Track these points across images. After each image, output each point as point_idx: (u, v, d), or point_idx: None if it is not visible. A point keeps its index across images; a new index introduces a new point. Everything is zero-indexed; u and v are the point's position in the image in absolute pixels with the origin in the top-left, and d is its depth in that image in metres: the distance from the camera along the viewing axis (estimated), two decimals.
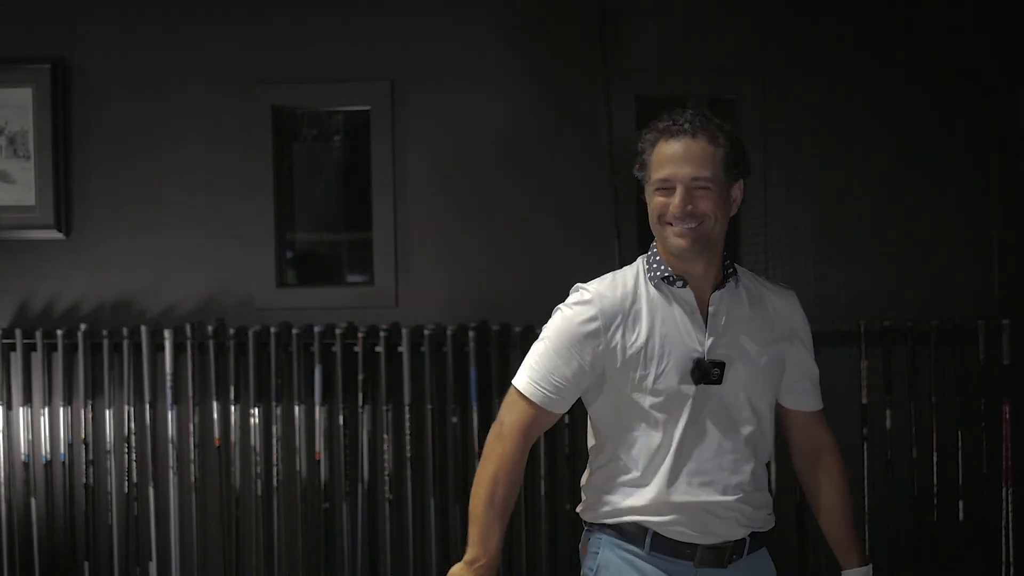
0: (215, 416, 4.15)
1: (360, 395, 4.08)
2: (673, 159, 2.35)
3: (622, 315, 2.37)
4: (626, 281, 2.42)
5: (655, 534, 2.37)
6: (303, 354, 4.09)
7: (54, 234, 4.25)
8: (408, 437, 4.06)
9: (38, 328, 4.18)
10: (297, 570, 4.14)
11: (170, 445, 4.15)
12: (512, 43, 4.19)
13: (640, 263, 2.45)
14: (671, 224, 2.35)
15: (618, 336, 2.36)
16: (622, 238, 4.07)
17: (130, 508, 4.16)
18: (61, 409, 4.19)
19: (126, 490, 4.16)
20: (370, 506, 4.10)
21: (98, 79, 4.26)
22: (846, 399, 4.04)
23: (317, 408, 4.10)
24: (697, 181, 2.33)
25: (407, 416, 4.06)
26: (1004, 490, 3.96)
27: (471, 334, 4.05)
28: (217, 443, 4.15)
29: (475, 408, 4.05)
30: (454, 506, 4.08)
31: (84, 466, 4.18)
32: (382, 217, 4.20)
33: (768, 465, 3.73)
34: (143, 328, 4.14)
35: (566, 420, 3.96)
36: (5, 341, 4.18)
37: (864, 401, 4.01)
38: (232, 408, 4.13)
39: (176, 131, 4.24)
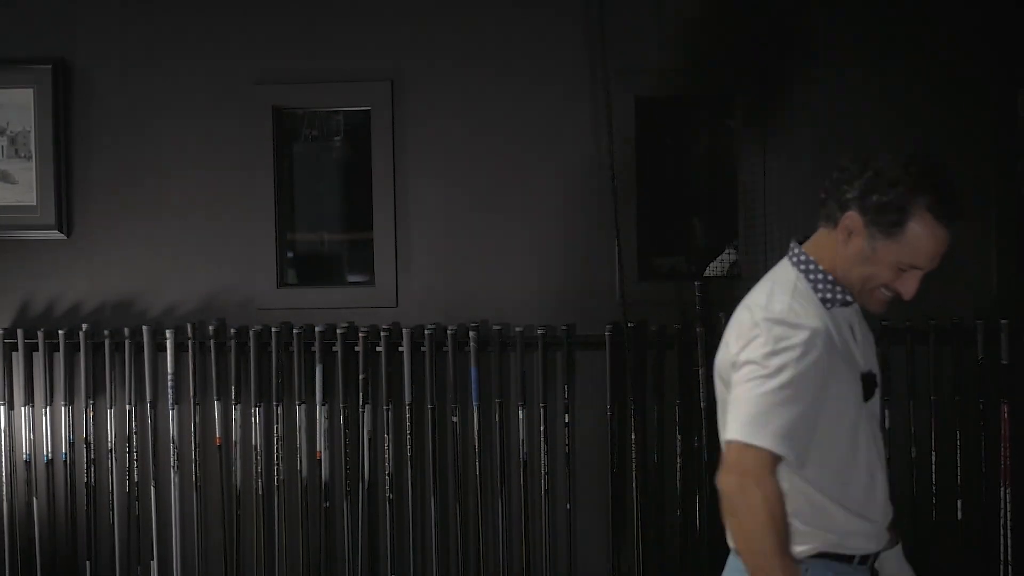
0: (216, 416, 4.16)
1: (361, 395, 4.09)
2: (935, 249, 2.26)
3: (830, 340, 2.24)
4: (807, 299, 2.28)
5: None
6: (304, 354, 4.10)
7: (55, 234, 4.26)
8: (408, 437, 4.07)
9: (40, 328, 4.19)
10: (297, 570, 4.15)
11: (171, 444, 4.16)
12: (512, 43, 4.19)
13: (797, 278, 2.32)
14: (884, 290, 2.28)
15: (827, 363, 2.22)
16: (622, 238, 4.08)
17: (131, 507, 4.18)
18: (63, 408, 4.20)
19: (127, 489, 4.17)
20: (370, 506, 4.11)
21: (99, 80, 4.26)
22: None
23: (318, 408, 4.11)
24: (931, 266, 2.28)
25: (408, 416, 4.07)
26: (1003, 490, 3.97)
27: (471, 334, 4.05)
28: (218, 442, 4.16)
29: (475, 408, 4.06)
30: (454, 506, 4.09)
31: (85, 465, 4.19)
32: (382, 217, 4.21)
33: None
34: (144, 328, 4.15)
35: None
36: (7, 341, 4.19)
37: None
38: (233, 408, 4.14)
39: (176, 131, 4.25)
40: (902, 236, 2.22)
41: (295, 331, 4.08)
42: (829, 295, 2.29)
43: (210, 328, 4.16)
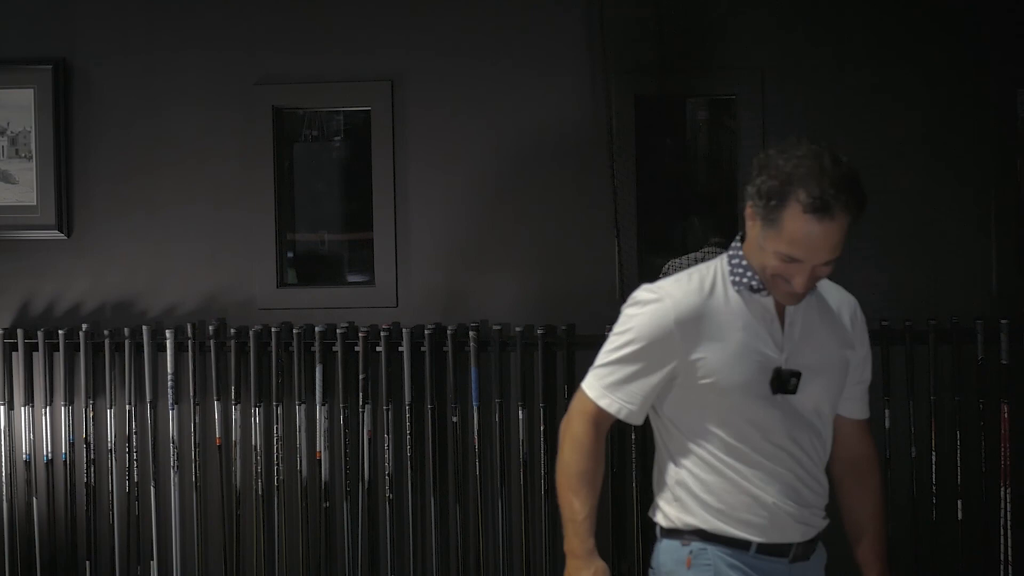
0: (216, 416, 4.16)
1: (361, 395, 4.09)
2: (808, 243, 2.23)
3: (698, 322, 2.32)
4: (703, 285, 2.36)
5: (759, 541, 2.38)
6: (304, 354, 4.10)
7: (56, 234, 4.26)
8: (408, 437, 4.07)
9: (40, 328, 4.19)
10: (297, 570, 4.15)
11: (171, 444, 4.16)
12: (512, 43, 4.19)
13: (721, 264, 2.39)
14: (784, 282, 2.29)
15: (691, 343, 2.32)
16: (622, 238, 4.08)
17: (131, 507, 4.18)
18: (62, 409, 4.20)
19: (127, 489, 4.17)
20: (370, 506, 4.11)
21: (99, 80, 4.26)
22: None
23: (318, 408, 4.11)
24: (826, 263, 2.27)
25: (407, 416, 4.07)
26: (1002, 489, 3.97)
27: (471, 334, 4.05)
28: (218, 442, 4.16)
29: (475, 408, 4.06)
30: (454, 506, 4.09)
31: (85, 465, 4.19)
32: (382, 217, 4.21)
33: None
34: (144, 328, 4.15)
35: None
36: (7, 341, 4.19)
37: None
38: (233, 408, 4.14)
39: (177, 131, 4.25)
40: (780, 226, 2.24)
41: (295, 331, 4.09)
42: (738, 278, 2.35)
43: (210, 328, 4.16)
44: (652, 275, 4.22)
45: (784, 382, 2.32)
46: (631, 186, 4.13)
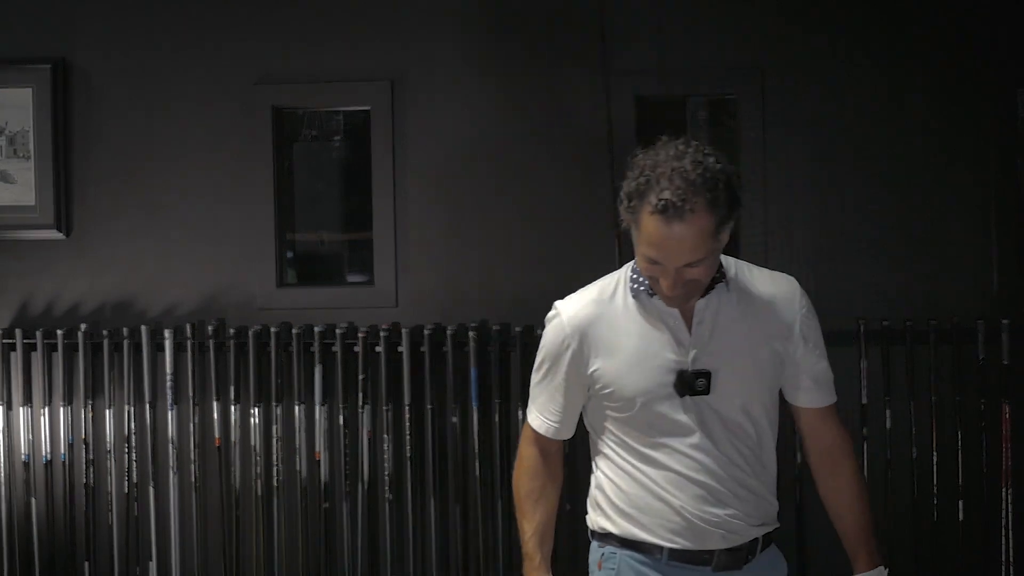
0: (215, 416, 4.15)
1: (360, 395, 4.08)
2: (661, 245, 2.21)
3: (592, 329, 2.36)
4: (602, 292, 2.39)
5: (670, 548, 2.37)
6: (303, 354, 4.09)
7: (54, 234, 4.25)
8: (408, 437, 4.06)
9: (38, 328, 4.18)
10: (297, 570, 4.14)
11: (170, 445, 4.15)
12: (512, 43, 4.19)
13: (625, 271, 2.41)
14: (658, 285, 2.29)
15: (588, 352, 2.36)
16: (622, 238, 4.07)
17: (130, 508, 4.17)
18: (61, 409, 4.19)
19: (126, 490, 4.16)
20: (370, 506, 4.10)
21: (98, 79, 4.26)
22: (846, 399, 4.01)
23: (317, 408, 4.10)
24: (690, 264, 2.22)
25: (407, 416, 4.06)
26: (1004, 490, 3.96)
27: (471, 334, 4.05)
28: (217, 443, 4.15)
29: (475, 408, 4.05)
30: (454, 506, 4.08)
31: (84, 466, 4.18)
32: (382, 217, 4.21)
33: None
34: (143, 328, 4.14)
35: None
36: (5, 341, 4.18)
37: (864, 401, 4.01)
38: (232, 408, 4.13)
39: (176, 131, 4.25)
40: (639, 227, 2.24)
41: (294, 331, 4.08)
42: (635, 284, 2.36)
43: (209, 328, 4.15)
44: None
45: (688, 384, 2.30)
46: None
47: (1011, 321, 3.96)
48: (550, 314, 2.44)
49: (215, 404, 4.14)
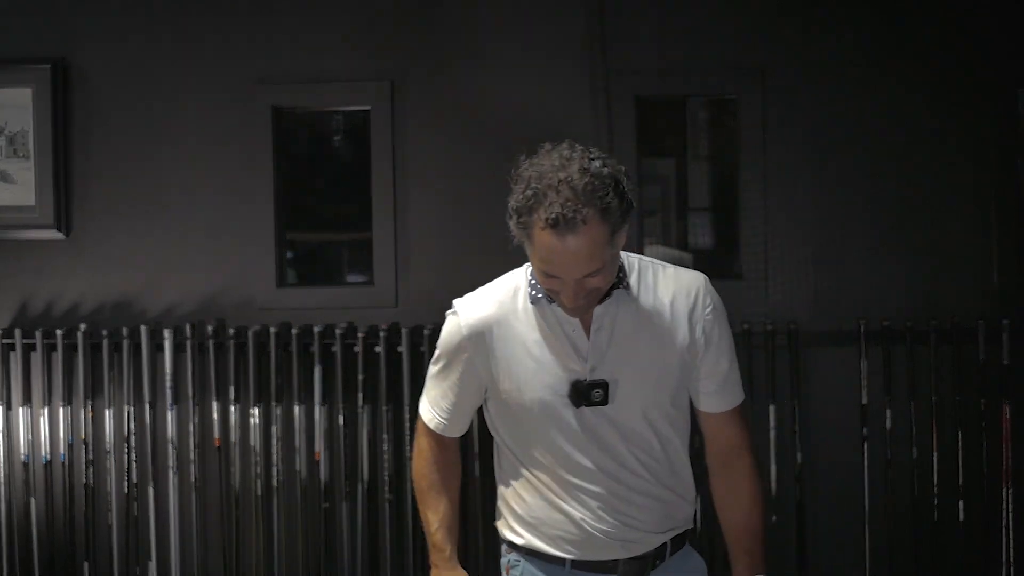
0: (215, 416, 4.14)
1: (360, 395, 4.07)
2: (557, 259, 2.13)
3: (489, 333, 2.28)
4: (502, 295, 2.31)
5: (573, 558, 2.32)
6: (303, 354, 4.09)
7: (54, 234, 4.25)
8: (408, 437, 4.06)
9: (38, 328, 4.18)
10: (297, 570, 4.13)
11: (170, 445, 4.15)
12: (511, 42, 4.19)
13: (525, 275, 2.32)
14: (558, 297, 2.21)
15: (484, 356, 2.28)
16: None
17: (130, 508, 4.16)
18: (61, 409, 4.19)
19: (126, 490, 4.16)
20: (370, 506, 4.10)
21: (98, 79, 4.26)
22: (846, 399, 4.05)
23: (317, 408, 4.10)
24: (587, 273, 2.14)
25: (407, 416, 4.06)
26: (1004, 490, 3.96)
27: None
28: (217, 443, 4.15)
29: None
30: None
31: (84, 466, 4.18)
32: (382, 217, 4.20)
33: (760, 463, 3.71)
34: (143, 328, 4.13)
35: None
36: (5, 341, 4.18)
37: (864, 401, 4.01)
38: (232, 408, 4.13)
39: (176, 131, 4.24)
40: (532, 242, 2.17)
41: (294, 331, 4.07)
42: (533, 290, 2.28)
43: (209, 328, 4.15)
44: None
45: (584, 395, 2.22)
46: (631, 186, 4.11)
47: (1011, 321, 3.96)
48: (449, 310, 2.36)
49: (215, 404, 4.14)
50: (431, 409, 2.43)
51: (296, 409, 4.10)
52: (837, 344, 4.06)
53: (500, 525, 2.45)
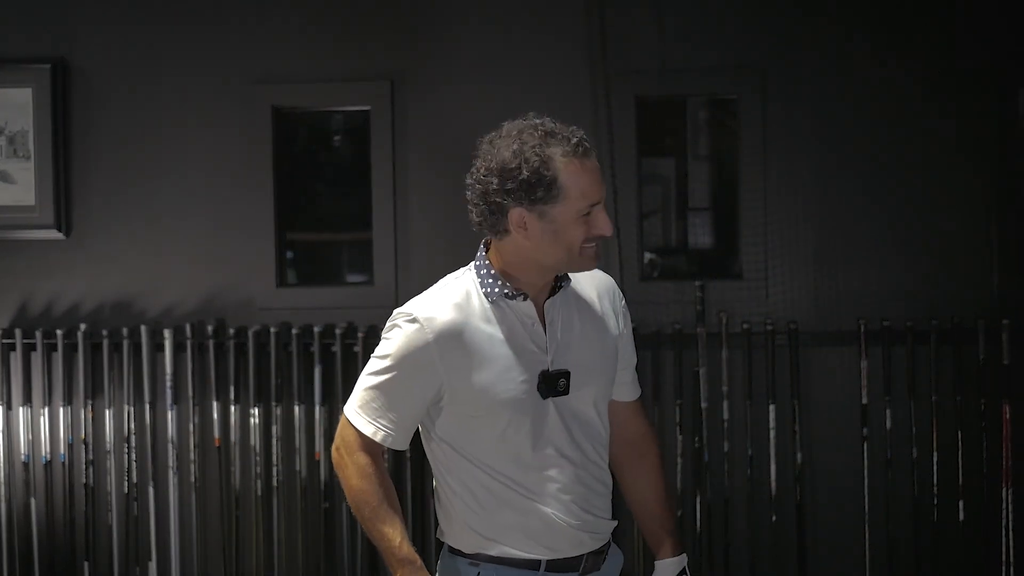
0: (215, 416, 4.14)
1: None
2: (592, 180, 2.23)
3: (456, 339, 2.24)
4: (455, 297, 2.30)
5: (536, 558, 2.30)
6: (303, 354, 4.09)
7: (54, 234, 4.25)
8: None
9: (38, 328, 4.18)
10: (297, 570, 4.14)
11: (170, 445, 4.15)
12: (512, 42, 4.19)
13: (470, 278, 2.34)
14: (592, 244, 2.25)
15: (454, 361, 2.23)
16: (621, 238, 4.07)
17: (130, 508, 4.16)
18: (61, 409, 4.19)
19: (126, 490, 4.16)
20: None
21: (98, 79, 4.26)
22: (846, 399, 4.05)
23: (317, 408, 4.10)
24: (603, 200, 2.26)
25: None
26: (1004, 490, 3.96)
27: None
28: (217, 443, 4.15)
29: None
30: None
31: (84, 466, 4.18)
32: (382, 217, 4.20)
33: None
34: (143, 328, 4.13)
35: None
36: (5, 341, 4.18)
37: (864, 401, 4.01)
38: (232, 408, 4.13)
39: (176, 131, 4.24)
40: (563, 194, 2.22)
41: (294, 331, 4.07)
42: (489, 289, 2.28)
43: (209, 328, 4.15)
44: (652, 275, 4.26)
45: (552, 384, 2.25)
46: (631, 186, 4.12)
47: (1011, 321, 3.96)
48: (402, 319, 2.27)
49: (215, 404, 4.14)
50: (374, 422, 2.27)
51: (296, 409, 4.10)
52: (837, 344, 4.06)
53: (455, 540, 2.34)
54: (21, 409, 4.20)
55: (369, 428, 2.27)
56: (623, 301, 2.41)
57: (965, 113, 4.08)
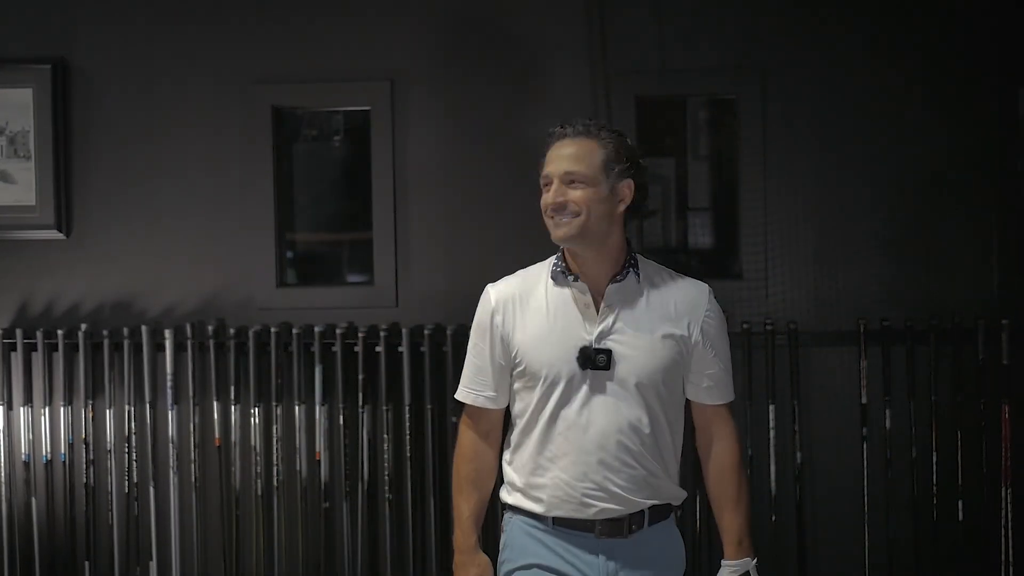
0: (215, 416, 4.15)
1: (360, 395, 4.08)
2: (553, 158, 2.60)
3: (513, 303, 2.62)
4: (529, 275, 2.67)
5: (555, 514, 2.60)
6: (303, 354, 4.09)
7: (54, 234, 4.25)
8: (408, 437, 4.07)
9: (39, 328, 4.18)
10: (297, 570, 4.14)
11: (170, 445, 4.16)
12: (512, 42, 4.19)
13: (550, 261, 2.68)
14: (551, 217, 2.59)
15: (510, 322, 2.61)
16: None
17: (130, 508, 4.17)
18: (62, 409, 4.20)
19: (126, 490, 4.17)
20: (370, 506, 4.10)
21: (98, 79, 4.26)
22: (846, 399, 4.05)
23: (317, 408, 4.11)
24: (570, 175, 2.56)
25: (407, 416, 4.06)
26: (1003, 490, 3.96)
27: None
28: (217, 443, 4.15)
29: None
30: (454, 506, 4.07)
31: (84, 466, 4.18)
32: (382, 217, 4.21)
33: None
34: (143, 328, 4.14)
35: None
36: (6, 341, 4.18)
37: (864, 401, 4.02)
38: (232, 408, 4.14)
39: (176, 131, 4.24)
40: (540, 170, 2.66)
41: (294, 331, 4.08)
42: (554, 271, 2.65)
43: (209, 328, 4.15)
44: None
45: (590, 358, 2.54)
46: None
47: (1011, 321, 3.96)
48: (482, 295, 2.69)
49: (215, 404, 4.15)
50: (469, 390, 2.69)
51: (296, 409, 4.10)
52: (837, 344, 4.06)
53: (501, 491, 2.72)
54: (22, 409, 4.21)
55: (468, 396, 2.70)
56: (709, 311, 2.63)
57: (965, 113, 4.08)
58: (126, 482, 4.16)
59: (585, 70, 4.15)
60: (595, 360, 2.53)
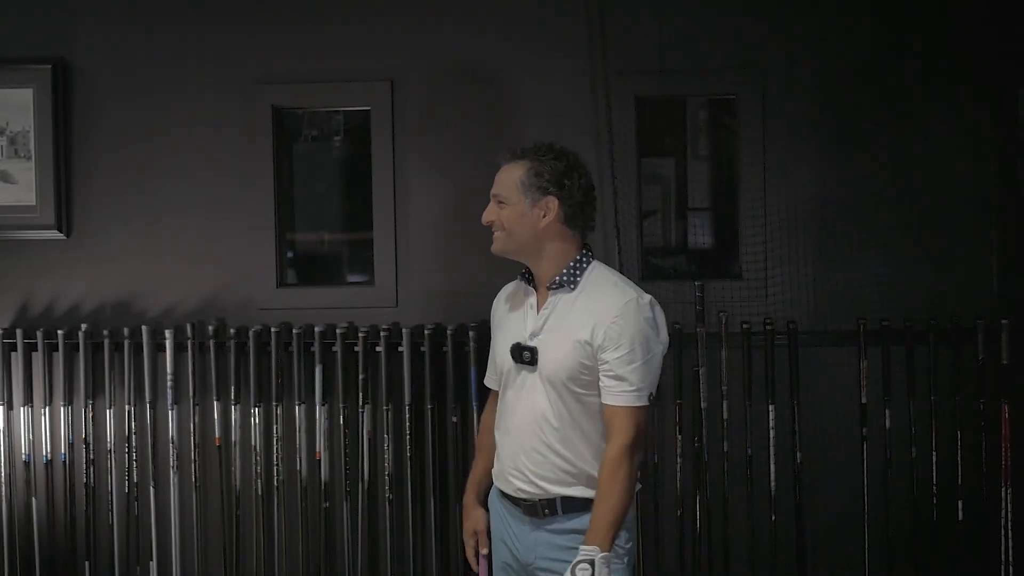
0: (216, 416, 4.15)
1: (360, 395, 4.08)
2: (494, 181, 2.94)
3: (504, 302, 3.06)
4: (521, 282, 3.00)
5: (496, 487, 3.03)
6: (304, 354, 4.10)
7: (55, 234, 4.25)
8: (408, 437, 4.07)
9: (39, 328, 4.18)
10: (297, 570, 4.14)
11: (171, 445, 4.16)
12: (512, 42, 4.19)
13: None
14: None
15: (497, 318, 3.06)
16: (622, 238, 4.07)
17: (131, 508, 4.17)
18: (62, 409, 4.20)
19: (127, 490, 4.17)
20: (370, 506, 4.10)
21: (98, 79, 4.26)
22: (846, 399, 4.05)
23: (318, 408, 4.11)
24: (496, 196, 2.92)
25: (407, 416, 4.06)
26: (1003, 489, 3.97)
27: (471, 334, 4.05)
28: (218, 443, 4.16)
29: (475, 408, 4.06)
30: (454, 506, 4.08)
31: (85, 466, 4.18)
32: (382, 217, 4.21)
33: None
34: (144, 328, 4.14)
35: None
36: (6, 341, 4.18)
37: (864, 401, 4.02)
38: (233, 408, 4.14)
39: (176, 131, 4.25)
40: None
41: (295, 331, 4.08)
42: (521, 277, 3.01)
43: (210, 328, 4.15)
44: (652, 275, 4.26)
45: (519, 354, 2.88)
46: (631, 186, 4.13)
47: (1011, 321, 3.97)
48: None
49: (215, 404, 4.15)
50: (488, 375, 3.14)
51: (297, 409, 4.11)
52: (837, 344, 4.06)
53: None
54: (22, 409, 4.21)
55: (487, 380, 3.15)
56: (617, 319, 2.79)
57: (965, 113, 4.08)
58: (126, 482, 4.17)
59: (585, 70, 4.15)
60: (522, 356, 2.87)
